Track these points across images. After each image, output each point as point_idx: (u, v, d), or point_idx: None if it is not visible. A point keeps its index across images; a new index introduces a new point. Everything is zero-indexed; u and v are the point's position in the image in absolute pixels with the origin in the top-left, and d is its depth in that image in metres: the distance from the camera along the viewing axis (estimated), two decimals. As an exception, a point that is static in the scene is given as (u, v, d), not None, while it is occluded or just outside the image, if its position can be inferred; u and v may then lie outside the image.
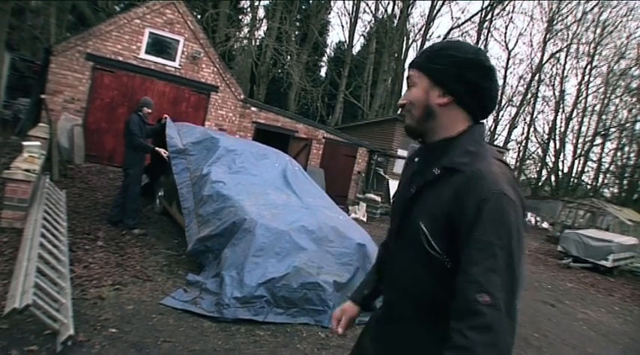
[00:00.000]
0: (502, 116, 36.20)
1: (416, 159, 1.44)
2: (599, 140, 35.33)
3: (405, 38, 28.05)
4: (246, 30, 20.50)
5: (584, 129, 35.25)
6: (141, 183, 6.29)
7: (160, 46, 11.28)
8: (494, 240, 1.11)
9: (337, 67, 27.16)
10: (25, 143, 6.31)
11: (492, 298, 1.07)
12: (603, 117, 34.71)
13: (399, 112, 23.96)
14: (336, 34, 67.60)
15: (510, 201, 1.14)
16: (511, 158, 37.18)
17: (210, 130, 7.56)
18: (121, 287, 4.16)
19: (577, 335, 6.10)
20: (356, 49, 29.80)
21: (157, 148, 6.08)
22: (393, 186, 16.72)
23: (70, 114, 10.19)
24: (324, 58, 30.28)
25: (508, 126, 34.85)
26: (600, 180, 37.04)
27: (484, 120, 1.35)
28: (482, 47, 31.16)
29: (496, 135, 34.89)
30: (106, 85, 10.70)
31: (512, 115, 34.65)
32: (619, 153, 35.29)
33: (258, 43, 21.68)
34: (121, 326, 3.47)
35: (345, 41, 27.90)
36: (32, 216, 4.56)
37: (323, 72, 30.97)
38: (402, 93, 1.43)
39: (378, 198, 14.11)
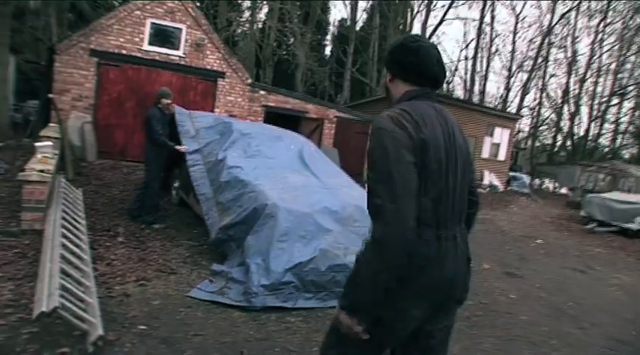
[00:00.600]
0: (513, 83, 35.50)
1: None
2: (615, 100, 34.45)
3: (409, 9, 27.42)
4: (247, 13, 20.15)
5: (599, 89, 34.37)
6: (161, 179, 6.20)
7: (163, 36, 11.10)
8: (376, 160, 1.57)
9: (342, 45, 26.70)
10: (37, 144, 6.25)
11: (380, 200, 1.50)
12: (619, 76, 33.73)
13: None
14: (338, 12, 66.64)
15: (386, 132, 1.59)
16: (524, 125, 36.58)
17: (222, 116, 7.42)
18: (145, 282, 4.09)
19: (612, 301, 5.93)
20: (359, 25, 29.23)
21: (177, 147, 5.92)
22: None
23: (79, 112, 10.13)
24: (328, 37, 29.79)
25: (520, 92, 34.08)
26: (618, 141, 36.29)
27: (429, 83, 1.79)
28: (488, 15, 30.24)
29: (508, 103, 34.23)
30: (112, 79, 10.59)
31: (524, 81, 33.84)
32: (637, 113, 34.44)
33: (260, 26, 21.36)
34: (149, 322, 3.40)
35: (348, 18, 27.37)
36: (51, 217, 4.50)
37: (328, 51, 30.53)
38: None
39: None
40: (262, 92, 12.59)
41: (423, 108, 1.69)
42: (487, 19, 30.97)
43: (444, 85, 35.32)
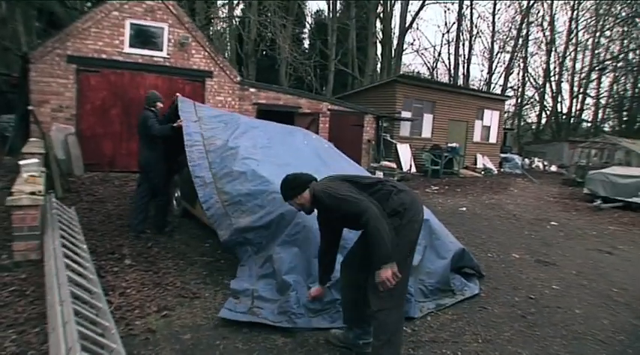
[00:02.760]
0: (497, 65, 35.42)
1: None
2: (594, 75, 34.68)
3: (388, -3, 26.97)
4: (225, 9, 19.45)
5: (578, 66, 34.55)
6: (166, 185, 5.65)
7: (145, 37, 10.44)
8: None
9: (320, 37, 26.09)
10: (21, 162, 5.63)
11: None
12: (596, 51, 33.93)
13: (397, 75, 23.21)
14: (314, 4, 65.54)
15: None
16: (509, 105, 36.51)
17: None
18: (168, 312, 3.55)
19: (656, 282, 5.60)
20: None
21: (174, 125, 5.23)
22: (402, 150, 16.11)
23: (61, 124, 9.44)
24: (306, 30, 29.22)
25: (504, 73, 34.02)
26: (600, 115, 36.60)
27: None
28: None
29: (492, 85, 34.15)
30: (94, 86, 9.91)
31: (507, 62, 33.81)
32: (616, 87, 34.75)
33: (238, 21, 20.63)
34: (185, 363, 2.89)
35: (326, 9, 26.81)
36: (49, 245, 3.93)
37: (306, 44, 29.92)
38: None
39: (394, 165, 13.52)
40: (252, 90, 12.03)
41: None
42: (467, 2, 30.73)
43: (428, 72, 35.10)
